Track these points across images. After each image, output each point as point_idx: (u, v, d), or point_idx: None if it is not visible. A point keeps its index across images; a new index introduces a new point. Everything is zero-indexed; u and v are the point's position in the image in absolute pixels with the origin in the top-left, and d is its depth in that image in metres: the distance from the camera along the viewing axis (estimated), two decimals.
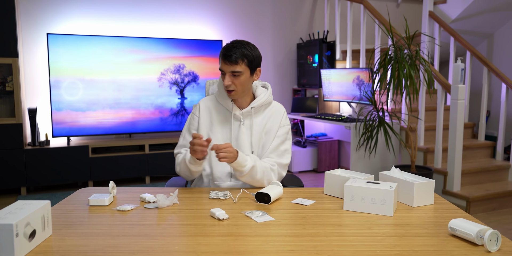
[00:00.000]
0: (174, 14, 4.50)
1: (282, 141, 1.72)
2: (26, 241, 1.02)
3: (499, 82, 4.80)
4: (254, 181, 1.59)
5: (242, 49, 1.58)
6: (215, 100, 1.75)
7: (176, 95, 4.24)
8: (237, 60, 1.57)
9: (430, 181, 1.42)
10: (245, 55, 1.58)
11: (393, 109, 4.02)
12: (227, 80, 1.59)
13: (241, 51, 1.58)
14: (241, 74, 1.59)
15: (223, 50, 1.60)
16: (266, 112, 1.73)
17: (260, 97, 1.70)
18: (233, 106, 1.69)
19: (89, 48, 3.88)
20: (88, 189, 1.60)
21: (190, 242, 1.10)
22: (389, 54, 3.38)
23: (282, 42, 5.04)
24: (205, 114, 1.72)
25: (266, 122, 1.71)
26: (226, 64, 1.59)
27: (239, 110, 1.69)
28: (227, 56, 1.57)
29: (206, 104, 1.74)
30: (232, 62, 1.57)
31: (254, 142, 1.69)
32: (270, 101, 1.75)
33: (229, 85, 1.60)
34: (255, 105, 1.69)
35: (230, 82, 1.60)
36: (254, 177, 1.58)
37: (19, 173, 3.66)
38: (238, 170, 1.55)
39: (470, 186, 3.50)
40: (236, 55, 1.57)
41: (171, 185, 1.79)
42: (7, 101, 3.64)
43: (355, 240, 1.11)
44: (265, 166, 1.62)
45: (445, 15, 4.62)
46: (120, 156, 3.97)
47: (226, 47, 1.59)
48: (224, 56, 1.58)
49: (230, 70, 1.59)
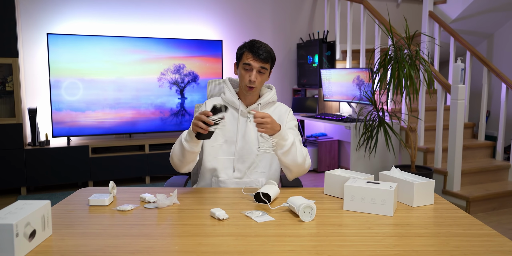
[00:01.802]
0: (174, 14, 4.50)
1: (297, 134, 1.73)
2: (26, 241, 1.02)
3: (499, 82, 4.80)
4: (294, 160, 1.56)
5: (268, 49, 1.65)
6: (221, 100, 1.78)
7: (176, 95, 4.24)
8: (267, 58, 1.62)
9: (430, 181, 1.42)
10: (271, 55, 1.65)
11: (393, 109, 4.02)
12: (254, 75, 1.62)
13: (268, 51, 1.64)
14: (266, 72, 1.65)
15: (252, 47, 1.62)
16: (272, 110, 1.76)
17: (266, 95, 1.74)
18: (240, 104, 1.72)
19: (89, 48, 3.88)
20: (88, 189, 1.60)
21: (190, 242, 1.10)
22: (389, 54, 3.38)
23: (282, 42, 5.04)
24: None
25: None
26: (256, 60, 1.61)
27: (246, 107, 1.72)
28: (259, 53, 1.61)
29: (213, 102, 1.76)
30: (263, 59, 1.61)
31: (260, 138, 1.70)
32: (275, 100, 1.78)
33: (254, 81, 1.62)
34: (262, 101, 1.72)
35: (256, 78, 1.62)
36: (295, 155, 1.55)
37: (19, 173, 3.66)
38: (280, 144, 1.51)
39: (470, 186, 3.50)
40: (267, 54, 1.62)
41: (170, 184, 1.79)
42: (7, 101, 3.64)
43: (355, 240, 1.11)
44: (301, 148, 1.62)
45: (445, 15, 4.62)
46: (120, 156, 3.97)
47: (254, 45, 1.62)
48: (256, 52, 1.61)
49: (259, 65, 1.62)
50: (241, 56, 1.66)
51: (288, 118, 1.77)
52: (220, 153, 1.70)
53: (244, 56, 1.64)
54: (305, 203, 1.25)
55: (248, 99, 1.72)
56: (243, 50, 1.65)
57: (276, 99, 1.79)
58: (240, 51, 1.67)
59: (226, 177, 1.69)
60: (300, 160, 1.58)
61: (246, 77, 1.63)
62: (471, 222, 1.25)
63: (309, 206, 1.25)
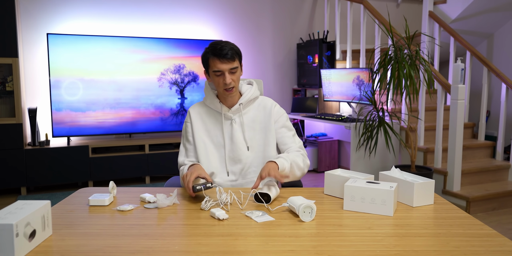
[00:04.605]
0: (174, 14, 4.50)
1: (288, 129, 1.75)
2: (26, 241, 1.02)
3: (499, 82, 4.80)
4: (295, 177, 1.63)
5: (231, 46, 1.62)
6: (204, 105, 1.77)
7: (176, 95, 4.24)
8: (233, 56, 1.60)
9: (430, 181, 1.42)
10: (236, 51, 1.62)
11: (393, 109, 4.02)
12: (228, 78, 1.60)
13: (232, 48, 1.61)
14: (237, 70, 1.63)
15: (214, 51, 1.59)
16: (256, 107, 1.75)
17: (246, 93, 1.72)
18: (221, 107, 1.70)
19: (89, 48, 3.88)
20: (88, 189, 1.60)
21: (190, 242, 1.10)
22: (389, 54, 3.38)
23: (282, 42, 5.04)
24: (197, 120, 1.73)
25: (257, 116, 1.73)
26: (223, 63, 1.59)
27: (228, 109, 1.71)
28: (224, 55, 1.58)
29: (195, 110, 1.76)
30: (230, 59, 1.59)
31: (248, 138, 1.70)
32: (257, 95, 1.76)
33: (230, 83, 1.61)
34: (243, 101, 1.71)
35: (231, 79, 1.61)
36: (295, 173, 1.61)
37: (19, 173, 3.66)
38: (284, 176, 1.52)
39: (470, 186, 3.50)
40: (231, 51, 1.59)
41: (170, 185, 1.79)
42: (7, 101, 3.64)
43: (355, 240, 1.11)
44: (296, 156, 1.65)
45: (445, 15, 4.62)
46: (120, 156, 3.97)
47: (217, 48, 1.59)
48: (220, 55, 1.58)
49: (229, 67, 1.60)
50: (208, 62, 1.63)
51: (277, 114, 1.75)
52: (212, 158, 1.69)
53: (210, 63, 1.61)
54: (305, 203, 1.25)
55: (229, 101, 1.71)
56: (207, 56, 1.62)
57: (258, 94, 1.77)
58: (205, 58, 1.63)
59: (221, 181, 1.69)
60: (299, 173, 1.64)
61: (221, 82, 1.61)
62: (471, 222, 1.25)
63: (309, 206, 1.25)
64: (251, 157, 1.70)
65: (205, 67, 1.67)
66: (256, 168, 1.70)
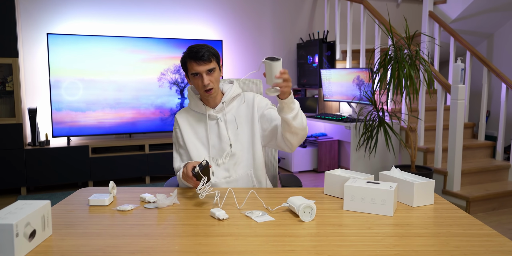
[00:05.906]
0: (174, 14, 4.50)
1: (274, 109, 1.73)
2: (26, 241, 1.02)
3: (499, 82, 4.80)
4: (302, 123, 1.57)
5: (208, 48, 1.64)
6: (189, 110, 1.79)
7: (176, 95, 4.24)
8: (209, 57, 1.62)
9: (430, 181, 1.42)
10: (212, 52, 1.65)
11: (393, 109, 4.02)
12: (206, 79, 1.62)
13: (208, 50, 1.64)
14: (215, 71, 1.65)
15: (190, 54, 1.62)
16: (239, 103, 1.77)
17: (228, 92, 1.75)
18: (206, 108, 1.73)
19: (89, 48, 3.88)
20: (88, 189, 1.60)
21: (190, 242, 1.10)
22: (389, 54, 3.38)
23: (282, 42, 5.04)
24: (184, 124, 1.75)
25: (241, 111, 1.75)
26: (200, 65, 1.62)
27: (212, 109, 1.73)
28: (200, 57, 1.61)
29: (182, 116, 1.78)
30: (206, 61, 1.62)
31: (231, 136, 1.71)
32: (239, 92, 1.78)
33: (209, 84, 1.63)
34: (225, 99, 1.73)
35: (209, 80, 1.63)
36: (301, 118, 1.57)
37: (19, 173, 3.66)
38: (290, 107, 1.51)
39: (470, 186, 3.50)
40: (207, 53, 1.62)
41: (170, 185, 1.79)
42: (7, 101, 3.64)
43: (355, 240, 1.11)
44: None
45: (445, 15, 4.62)
46: (120, 156, 3.97)
47: (193, 51, 1.62)
48: (196, 57, 1.61)
49: (205, 69, 1.62)
50: (186, 66, 1.66)
51: (259, 103, 1.75)
52: (203, 158, 1.70)
53: (188, 65, 1.65)
54: (305, 203, 1.25)
55: (212, 102, 1.73)
56: (185, 59, 1.66)
57: (240, 91, 1.79)
58: (183, 61, 1.68)
59: (216, 179, 1.69)
60: (305, 123, 1.60)
61: (200, 84, 1.64)
62: (471, 222, 1.25)
63: (309, 206, 1.25)
64: (240, 151, 1.71)
65: (185, 70, 1.70)
66: (246, 161, 1.72)
